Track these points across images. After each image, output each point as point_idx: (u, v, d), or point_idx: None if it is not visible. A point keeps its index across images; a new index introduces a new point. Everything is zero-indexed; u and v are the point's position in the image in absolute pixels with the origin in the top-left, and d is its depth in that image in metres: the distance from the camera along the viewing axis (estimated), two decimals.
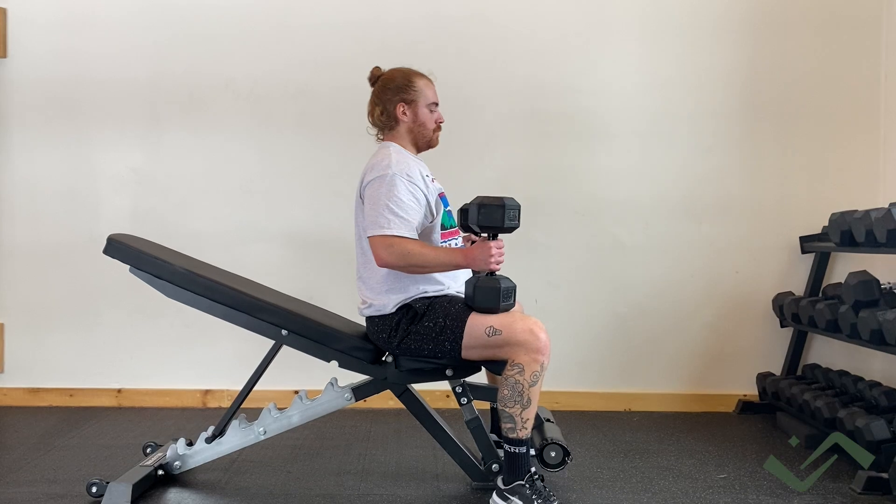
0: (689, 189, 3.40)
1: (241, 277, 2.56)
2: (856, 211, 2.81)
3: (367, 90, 3.36)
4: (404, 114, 2.35)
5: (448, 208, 2.40)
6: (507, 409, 2.09)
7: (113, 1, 3.37)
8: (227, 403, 3.36)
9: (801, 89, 3.40)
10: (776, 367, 3.40)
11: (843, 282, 2.83)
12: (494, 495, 2.14)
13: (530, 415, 2.10)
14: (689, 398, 3.40)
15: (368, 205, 2.21)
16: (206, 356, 3.38)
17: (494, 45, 3.39)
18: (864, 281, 2.68)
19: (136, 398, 3.38)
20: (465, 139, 3.39)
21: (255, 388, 2.45)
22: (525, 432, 2.10)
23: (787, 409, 3.11)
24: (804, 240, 3.37)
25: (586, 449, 2.80)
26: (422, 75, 2.41)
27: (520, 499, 2.08)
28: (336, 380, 2.37)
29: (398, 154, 2.29)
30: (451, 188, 3.38)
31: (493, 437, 2.58)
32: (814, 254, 3.33)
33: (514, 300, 2.19)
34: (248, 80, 3.37)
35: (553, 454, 2.32)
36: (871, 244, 2.70)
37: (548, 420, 2.57)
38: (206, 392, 3.39)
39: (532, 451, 2.71)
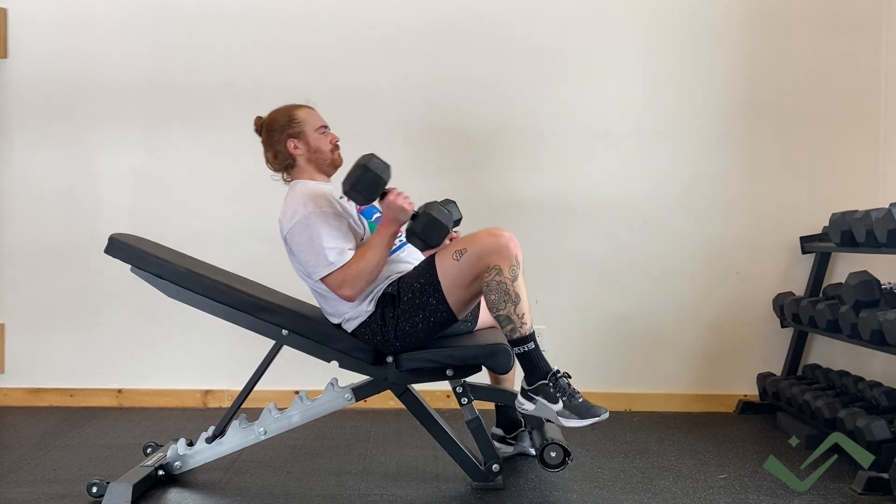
0: (689, 189, 3.40)
1: (241, 277, 2.56)
2: (856, 211, 2.81)
3: (367, 90, 3.39)
4: (296, 148, 2.36)
5: (374, 218, 2.40)
6: (501, 312, 2.11)
7: (113, 1, 3.37)
8: (227, 403, 3.36)
9: (801, 89, 3.40)
10: (776, 368, 3.40)
11: (843, 282, 2.82)
12: (520, 396, 2.17)
13: (524, 308, 2.13)
14: (690, 398, 3.40)
15: (301, 253, 2.23)
16: (206, 356, 3.38)
17: (494, 45, 3.39)
18: (865, 281, 2.68)
19: (137, 398, 3.38)
20: (464, 139, 3.39)
21: (256, 388, 2.45)
22: (526, 328, 2.13)
23: (788, 409, 3.11)
24: (804, 240, 3.37)
25: (586, 449, 2.79)
26: (301, 106, 2.42)
27: (544, 397, 2.10)
28: (336, 380, 2.37)
29: (303, 191, 2.29)
30: (451, 188, 3.39)
31: (499, 431, 2.58)
32: (814, 254, 3.33)
33: (452, 210, 2.20)
34: (248, 80, 3.37)
35: (553, 454, 2.32)
36: (872, 244, 2.70)
37: (548, 420, 2.56)
38: (207, 392, 3.39)
39: (531, 450, 2.73)
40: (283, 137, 2.35)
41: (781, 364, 3.38)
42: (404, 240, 2.33)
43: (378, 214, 2.36)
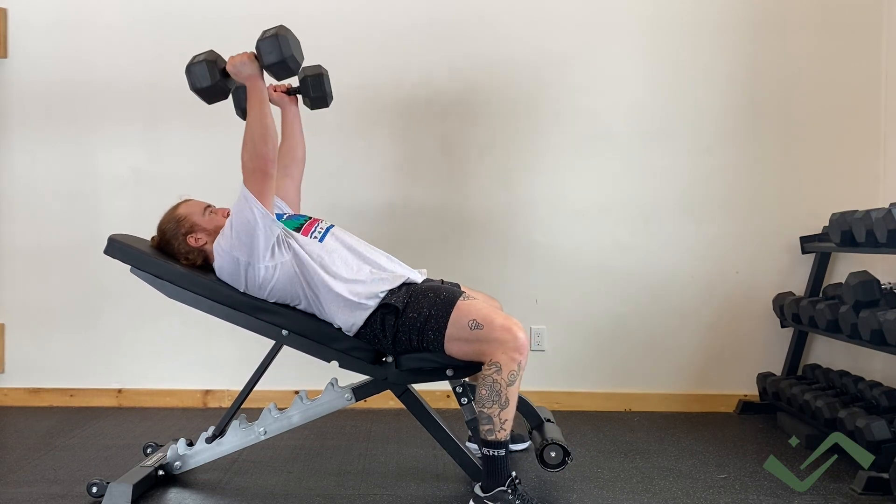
0: (689, 189, 3.40)
1: None
2: (856, 211, 2.81)
3: (367, 91, 3.39)
4: (198, 239, 2.35)
5: (284, 217, 2.42)
6: (485, 410, 2.06)
7: (113, 1, 3.37)
8: (227, 403, 3.36)
9: (801, 89, 3.40)
10: (776, 368, 3.40)
11: (843, 282, 2.83)
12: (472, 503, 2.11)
13: (508, 415, 2.07)
14: (690, 398, 3.40)
15: (233, 218, 2.25)
16: (206, 356, 3.38)
17: (494, 45, 3.39)
18: (865, 281, 2.68)
19: (137, 398, 3.38)
20: (465, 139, 3.39)
21: (256, 388, 2.45)
22: (504, 434, 2.07)
23: (788, 409, 3.11)
24: (804, 240, 3.37)
25: (586, 449, 2.80)
26: (177, 205, 2.42)
27: None
28: (336, 380, 2.37)
29: (218, 256, 2.30)
30: (451, 187, 3.40)
31: (472, 446, 2.57)
32: (814, 254, 3.33)
33: (284, 40, 2.18)
34: None
35: (553, 454, 2.32)
36: (872, 244, 2.70)
37: (548, 420, 2.57)
38: (207, 392, 3.39)
39: (519, 447, 2.73)
40: (181, 239, 2.34)
41: (781, 364, 3.38)
42: (326, 227, 2.35)
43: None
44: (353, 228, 2.61)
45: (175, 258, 2.35)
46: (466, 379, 2.47)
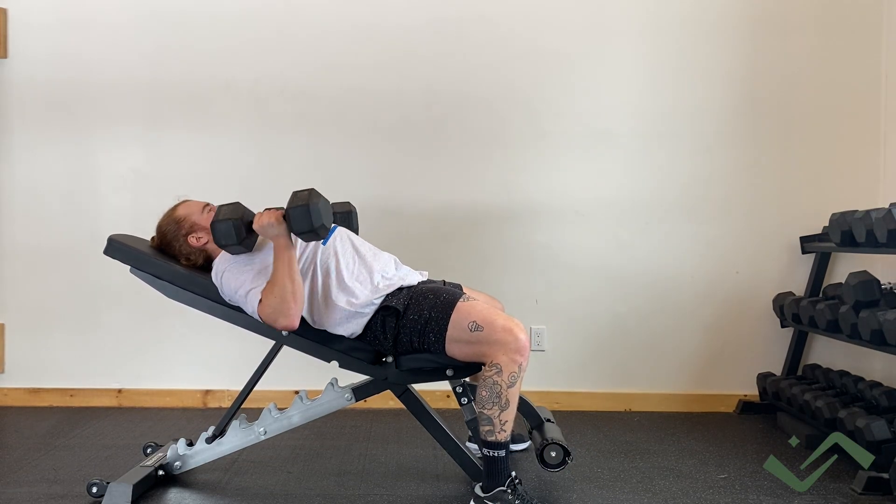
0: (689, 189, 3.40)
1: None
2: (856, 211, 2.81)
3: (367, 90, 3.39)
4: (199, 239, 2.35)
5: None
6: (485, 411, 2.06)
7: (113, 1, 3.37)
8: (227, 403, 3.36)
9: (801, 89, 3.40)
10: (776, 368, 3.40)
11: (843, 282, 2.83)
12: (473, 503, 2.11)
13: (509, 417, 2.07)
14: (690, 398, 3.40)
15: (237, 300, 2.23)
16: (206, 356, 3.38)
17: (495, 46, 3.39)
18: (865, 281, 2.68)
19: (137, 398, 3.38)
20: (465, 139, 3.39)
21: (256, 388, 2.45)
22: (504, 435, 2.07)
23: (788, 409, 3.11)
24: (804, 240, 3.37)
25: (586, 449, 2.80)
26: (176, 206, 2.41)
27: None
28: (336, 380, 2.37)
29: (219, 260, 2.29)
30: (452, 188, 3.40)
31: (473, 446, 2.57)
32: (814, 254, 3.33)
33: (316, 200, 2.11)
34: (248, 80, 3.37)
35: (553, 454, 2.32)
36: (872, 244, 2.70)
37: (548, 420, 2.57)
38: (207, 392, 3.39)
39: (519, 447, 2.73)
40: (182, 239, 2.34)
41: (781, 364, 3.38)
42: (330, 227, 2.31)
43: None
44: None
45: (176, 259, 2.35)
46: (467, 379, 2.47)
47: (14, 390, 3.37)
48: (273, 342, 2.36)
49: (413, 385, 2.36)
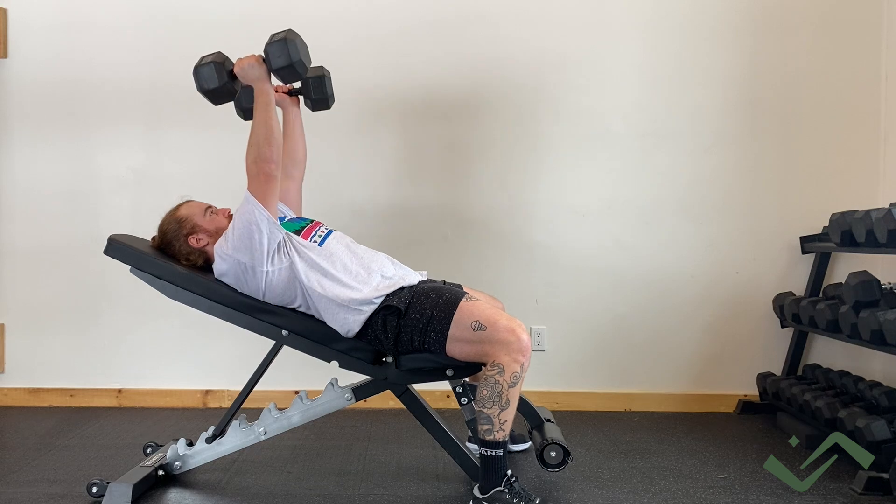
0: (689, 189, 3.40)
1: None
2: (856, 211, 2.81)
3: (368, 91, 3.39)
4: (199, 240, 2.35)
5: (286, 220, 2.44)
6: (485, 410, 2.06)
7: (113, 1, 3.37)
8: (227, 403, 3.36)
9: (802, 89, 3.40)
10: (776, 368, 3.40)
11: (843, 282, 2.83)
12: None
13: (508, 416, 2.07)
14: (690, 398, 3.40)
15: (236, 219, 2.23)
16: (206, 356, 3.38)
17: (494, 45, 3.39)
18: (865, 281, 2.68)
19: (137, 398, 3.38)
20: (465, 139, 3.39)
21: (256, 388, 2.45)
22: (503, 434, 2.07)
23: (788, 409, 3.11)
24: (804, 240, 3.37)
25: (586, 449, 2.80)
26: (178, 206, 2.42)
27: None
28: (336, 380, 2.37)
29: (217, 259, 2.29)
30: (451, 187, 3.40)
31: (473, 446, 2.57)
32: (814, 254, 3.33)
33: (292, 45, 2.16)
34: None
35: (553, 454, 2.32)
36: (872, 244, 2.70)
37: (548, 420, 2.57)
38: (207, 392, 3.39)
39: (519, 447, 2.73)
40: (182, 240, 2.35)
41: (781, 364, 3.38)
42: (327, 231, 2.35)
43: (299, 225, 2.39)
44: (354, 229, 2.62)
45: (176, 259, 2.35)
46: (467, 379, 2.47)
47: (14, 390, 3.37)
48: (273, 342, 2.36)
49: (413, 385, 2.36)
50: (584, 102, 3.40)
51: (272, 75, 2.26)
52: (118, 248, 2.33)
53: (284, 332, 2.29)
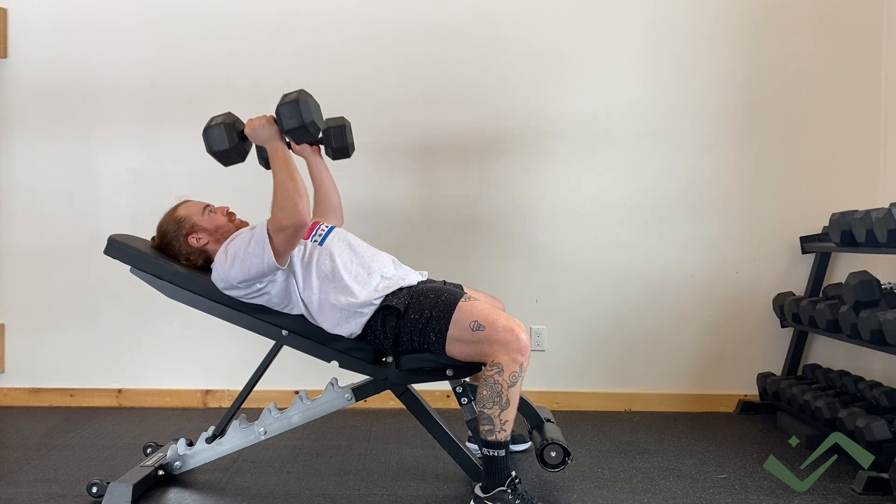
0: (689, 188, 3.40)
1: None
2: (856, 211, 2.81)
3: (367, 90, 3.39)
4: (199, 239, 2.35)
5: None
6: (485, 411, 2.06)
7: (113, 1, 3.37)
8: (227, 403, 3.36)
9: (802, 89, 3.40)
10: (776, 368, 3.40)
11: (843, 282, 2.83)
12: None
13: (509, 416, 2.07)
14: (690, 398, 3.40)
15: (242, 251, 2.19)
16: (206, 356, 3.38)
17: (495, 46, 3.39)
18: (865, 281, 2.68)
19: (137, 398, 3.38)
20: (465, 139, 3.39)
21: (256, 388, 2.45)
22: (504, 434, 2.07)
23: (788, 409, 3.11)
24: (804, 240, 3.37)
25: (586, 449, 2.80)
26: (177, 206, 2.41)
27: None
28: (336, 380, 2.37)
29: (217, 259, 2.28)
30: (451, 188, 3.40)
31: (473, 446, 2.57)
32: (814, 254, 3.33)
33: (306, 106, 2.13)
34: (248, 80, 3.37)
35: (553, 454, 2.32)
36: (872, 244, 2.70)
37: (548, 420, 2.57)
38: (207, 392, 3.39)
39: (519, 447, 2.73)
40: (182, 239, 2.34)
41: (781, 364, 3.38)
42: (328, 229, 2.35)
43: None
44: (354, 229, 2.61)
45: (176, 259, 2.35)
46: (467, 379, 2.47)
47: (14, 390, 3.37)
48: (273, 342, 2.36)
49: (413, 385, 2.36)
50: (585, 102, 3.40)
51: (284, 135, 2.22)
52: (118, 248, 2.33)
53: (284, 332, 2.29)
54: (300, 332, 2.29)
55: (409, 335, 2.17)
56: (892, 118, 3.34)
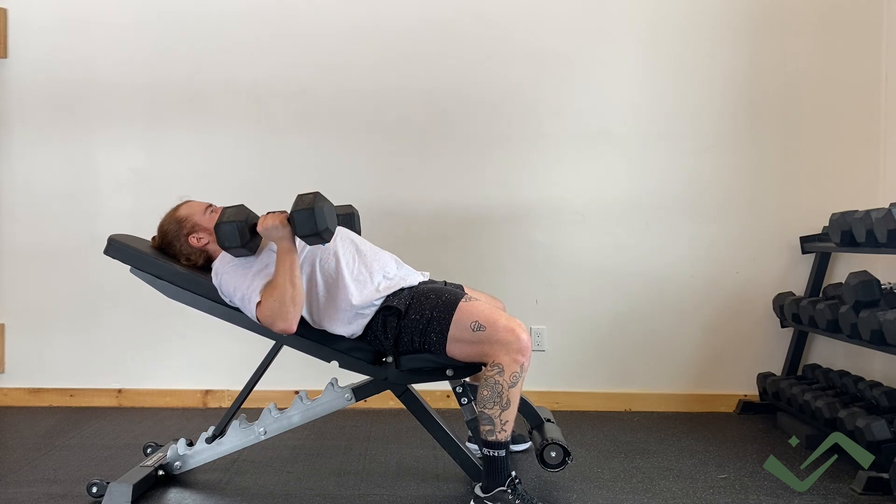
0: (689, 189, 3.40)
1: None
2: (856, 211, 2.81)
3: (367, 90, 3.39)
4: (199, 239, 2.35)
5: None
6: (486, 411, 2.06)
7: (113, 1, 3.37)
8: (227, 403, 3.36)
9: (802, 89, 3.40)
10: (776, 368, 3.40)
11: (843, 282, 2.83)
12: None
13: (510, 416, 2.07)
14: (690, 398, 3.40)
15: (236, 301, 2.22)
16: (206, 356, 3.38)
17: (494, 46, 3.39)
18: (865, 281, 2.68)
19: (137, 398, 3.38)
20: (465, 139, 3.39)
21: (256, 388, 2.45)
22: (504, 434, 2.07)
23: (788, 409, 3.11)
24: (804, 240, 3.37)
25: (586, 449, 2.80)
26: (178, 206, 2.41)
27: None
28: (336, 380, 2.37)
29: (220, 260, 2.29)
30: (451, 188, 3.40)
31: (473, 446, 2.57)
32: (814, 254, 3.33)
33: (321, 205, 2.10)
34: (248, 80, 3.37)
35: (553, 454, 2.32)
36: (872, 244, 2.70)
37: (548, 420, 2.57)
38: (207, 392, 3.39)
39: (519, 447, 2.74)
40: (183, 239, 2.34)
41: (781, 364, 3.38)
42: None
43: None
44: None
45: (176, 259, 2.35)
46: (467, 379, 2.47)
47: (14, 390, 3.37)
48: (273, 342, 2.36)
49: (413, 385, 2.36)
50: (585, 102, 3.40)
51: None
52: (118, 248, 2.33)
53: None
54: (300, 333, 2.28)
55: (410, 335, 2.17)
56: (892, 118, 3.33)
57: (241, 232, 2.16)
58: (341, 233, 2.35)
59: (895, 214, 2.55)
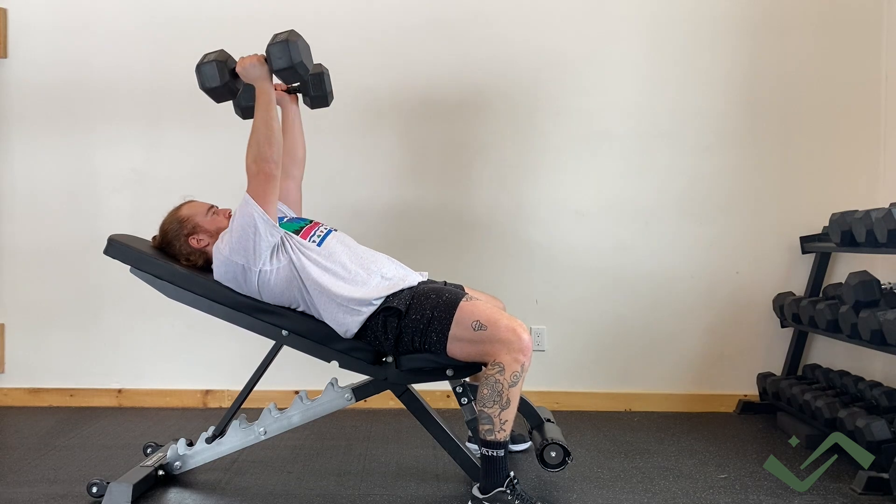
0: (689, 189, 3.40)
1: None
2: (856, 211, 2.81)
3: (368, 91, 3.39)
4: (199, 241, 2.36)
5: (285, 220, 2.44)
6: (485, 410, 2.06)
7: (113, 1, 3.37)
8: (227, 403, 3.36)
9: (802, 89, 3.40)
10: (777, 368, 3.40)
11: (843, 282, 2.83)
12: None
13: (509, 416, 2.07)
14: (690, 398, 3.40)
15: (233, 225, 2.23)
16: (206, 356, 3.38)
17: (494, 45, 3.39)
18: (865, 281, 2.68)
19: (137, 398, 3.38)
20: (465, 139, 3.39)
21: (256, 388, 2.45)
22: (503, 434, 2.07)
23: (788, 409, 3.11)
24: (804, 240, 3.37)
25: (586, 449, 2.80)
26: (180, 206, 2.43)
27: None
28: (336, 380, 2.37)
29: (216, 259, 2.30)
30: (451, 188, 3.41)
31: (473, 446, 2.57)
32: (814, 254, 3.33)
33: (295, 46, 2.17)
34: None
35: (553, 454, 2.32)
36: (872, 244, 2.70)
37: (548, 420, 2.57)
38: (207, 392, 3.39)
39: (519, 447, 2.74)
40: (183, 240, 2.35)
41: (781, 364, 3.38)
42: (326, 231, 2.34)
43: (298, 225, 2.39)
44: (354, 229, 2.62)
45: (176, 259, 2.35)
46: (467, 379, 2.47)
47: (14, 390, 3.37)
48: (273, 342, 2.36)
49: (413, 385, 2.36)
50: (584, 102, 3.40)
51: (273, 75, 2.26)
52: (118, 248, 2.33)
53: (284, 332, 2.29)
54: (300, 333, 2.29)
55: (411, 335, 2.16)
56: (892, 118, 3.33)
57: (220, 70, 2.24)
58: (336, 236, 2.36)
59: (895, 214, 2.55)
